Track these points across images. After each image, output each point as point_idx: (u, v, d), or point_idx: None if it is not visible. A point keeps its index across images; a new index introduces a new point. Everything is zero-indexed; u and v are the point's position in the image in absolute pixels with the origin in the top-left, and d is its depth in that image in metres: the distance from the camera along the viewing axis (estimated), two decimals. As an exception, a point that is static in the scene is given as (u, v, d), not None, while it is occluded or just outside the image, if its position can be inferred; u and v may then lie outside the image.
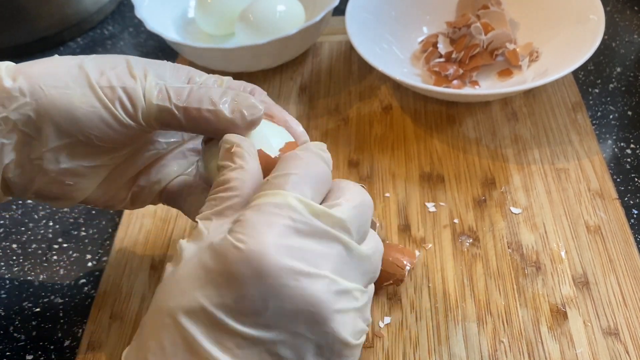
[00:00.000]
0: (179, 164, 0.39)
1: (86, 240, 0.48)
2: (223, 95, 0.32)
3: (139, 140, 0.36)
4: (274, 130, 0.34)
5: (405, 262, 0.41)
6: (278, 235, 0.26)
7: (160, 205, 0.49)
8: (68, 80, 0.32)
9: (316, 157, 0.30)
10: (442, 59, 0.56)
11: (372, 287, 0.31)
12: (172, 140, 0.38)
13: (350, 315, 0.28)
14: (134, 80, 0.32)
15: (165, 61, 0.35)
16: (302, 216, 0.27)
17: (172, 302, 0.26)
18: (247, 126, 0.32)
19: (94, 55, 0.34)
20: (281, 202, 0.27)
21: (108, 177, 0.36)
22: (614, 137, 0.51)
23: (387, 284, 0.41)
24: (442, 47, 0.56)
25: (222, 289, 0.26)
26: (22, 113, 0.31)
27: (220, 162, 0.30)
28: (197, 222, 0.29)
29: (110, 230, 0.49)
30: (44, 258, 0.47)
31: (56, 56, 0.34)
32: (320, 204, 0.29)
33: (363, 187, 0.31)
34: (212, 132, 0.33)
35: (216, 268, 0.26)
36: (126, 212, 0.49)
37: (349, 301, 0.28)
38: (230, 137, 0.31)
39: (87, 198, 0.37)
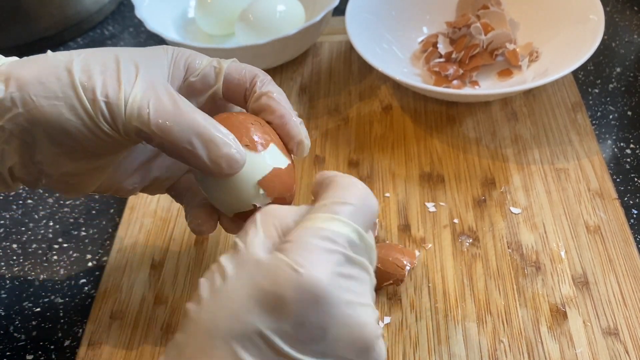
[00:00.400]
0: None
1: (86, 240, 0.48)
2: (208, 133, 0.30)
3: (134, 144, 0.35)
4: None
5: (405, 262, 0.41)
6: (335, 264, 0.26)
7: (161, 205, 0.49)
8: (57, 90, 0.31)
9: (368, 189, 0.30)
10: (442, 59, 0.56)
11: None
12: None
13: (381, 339, 0.28)
14: (118, 89, 0.30)
15: (164, 47, 0.34)
16: (355, 250, 0.27)
17: (222, 324, 0.25)
18: (222, 176, 0.31)
19: (85, 51, 0.33)
20: (339, 230, 0.27)
21: (114, 170, 0.36)
22: (614, 137, 0.51)
23: (387, 284, 0.41)
24: (442, 47, 0.56)
25: (280, 313, 0.25)
26: (16, 123, 0.31)
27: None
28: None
29: (110, 230, 0.49)
30: (44, 258, 0.47)
31: (49, 53, 0.33)
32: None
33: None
34: (189, 164, 0.32)
35: (272, 290, 0.25)
36: (126, 212, 0.49)
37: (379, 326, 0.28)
38: (330, 173, 0.31)
39: (96, 189, 0.37)
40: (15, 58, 0.33)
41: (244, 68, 0.35)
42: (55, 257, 0.47)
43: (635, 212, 0.46)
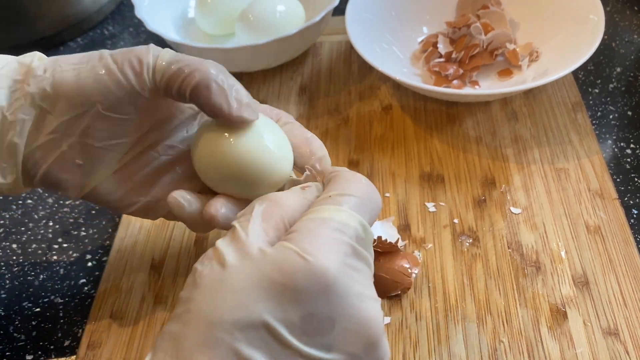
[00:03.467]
0: None
1: (86, 240, 0.48)
2: (233, 81, 0.32)
3: (144, 121, 0.35)
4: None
5: (410, 271, 0.41)
6: (344, 254, 0.26)
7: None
8: (84, 59, 0.34)
9: (371, 184, 0.30)
10: (442, 59, 0.56)
11: None
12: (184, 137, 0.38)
13: (386, 337, 0.28)
14: (147, 48, 0.33)
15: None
16: (359, 240, 0.27)
17: (227, 315, 0.24)
18: (237, 119, 0.32)
19: None
20: (345, 221, 0.27)
21: (119, 172, 0.36)
22: (614, 137, 0.51)
23: (395, 294, 0.41)
24: (442, 47, 0.56)
25: (288, 303, 0.24)
26: (39, 87, 0.33)
27: (295, 187, 0.31)
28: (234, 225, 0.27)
29: (110, 230, 0.49)
30: (44, 258, 0.47)
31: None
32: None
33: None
34: (206, 107, 0.32)
35: (281, 280, 0.24)
36: (126, 212, 0.49)
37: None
38: (334, 168, 0.31)
39: (98, 191, 0.36)
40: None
41: (267, 108, 0.37)
42: (55, 257, 0.47)
43: (636, 212, 0.46)
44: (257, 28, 0.56)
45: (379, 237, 0.40)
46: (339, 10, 0.57)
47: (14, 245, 0.49)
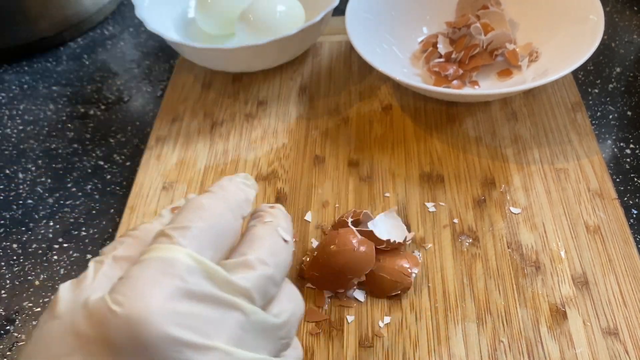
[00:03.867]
0: None
1: (86, 240, 0.48)
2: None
3: None
4: None
5: (410, 270, 0.41)
6: (164, 298, 0.22)
7: (160, 205, 0.49)
8: None
9: (223, 205, 0.26)
10: (442, 59, 0.56)
11: (293, 351, 0.28)
12: None
13: None
14: None
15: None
16: (194, 278, 0.23)
17: None
18: None
19: None
20: (172, 257, 0.23)
21: None
22: (614, 137, 0.51)
23: (395, 294, 0.41)
24: (442, 48, 0.56)
25: (96, 358, 0.22)
26: None
27: (162, 211, 0.28)
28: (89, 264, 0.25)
29: (110, 230, 0.49)
30: (44, 258, 0.47)
31: None
32: (227, 258, 0.26)
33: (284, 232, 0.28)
34: None
35: (89, 333, 0.22)
36: (126, 212, 0.49)
37: None
38: (191, 198, 0.28)
39: None
40: None
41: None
42: (55, 257, 0.47)
43: (635, 212, 0.46)
44: (257, 28, 0.56)
45: (387, 240, 0.40)
46: (339, 10, 0.57)
47: (14, 245, 0.49)
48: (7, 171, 0.55)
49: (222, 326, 0.23)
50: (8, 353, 0.42)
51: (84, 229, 0.49)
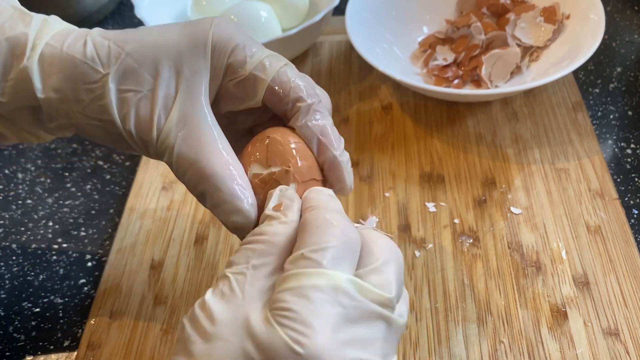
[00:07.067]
0: None
1: (86, 240, 0.48)
2: (218, 196, 0.30)
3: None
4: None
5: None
6: (333, 330, 0.23)
7: (160, 205, 0.49)
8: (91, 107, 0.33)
9: (346, 220, 0.27)
10: (442, 62, 0.56)
11: None
12: None
13: None
14: (150, 127, 0.31)
15: (204, 40, 0.32)
16: (352, 301, 0.24)
17: None
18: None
19: (128, 50, 0.31)
20: (327, 285, 0.24)
21: None
22: (614, 137, 0.51)
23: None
24: (440, 57, 0.55)
25: None
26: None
27: (269, 212, 0.28)
28: (227, 274, 0.26)
29: (110, 230, 0.49)
30: (44, 258, 0.47)
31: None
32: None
33: (390, 237, 0.28)
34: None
35: None
36: (126, 212, 0.49)
37: None
38: (289, 192, 0.29)
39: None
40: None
41: (291, 84, 0.31)
42: (55, 257, 0.47)
43: (636, 212, 0.45)
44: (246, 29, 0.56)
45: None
46: (339, 10, 0.57)
47: (14, 245, 0.48)
48: (7, 171, 0.55)
49: (375, 341, 0.25)
50: (7, 353, 0.42)
51: (83, 229, 0.49)
